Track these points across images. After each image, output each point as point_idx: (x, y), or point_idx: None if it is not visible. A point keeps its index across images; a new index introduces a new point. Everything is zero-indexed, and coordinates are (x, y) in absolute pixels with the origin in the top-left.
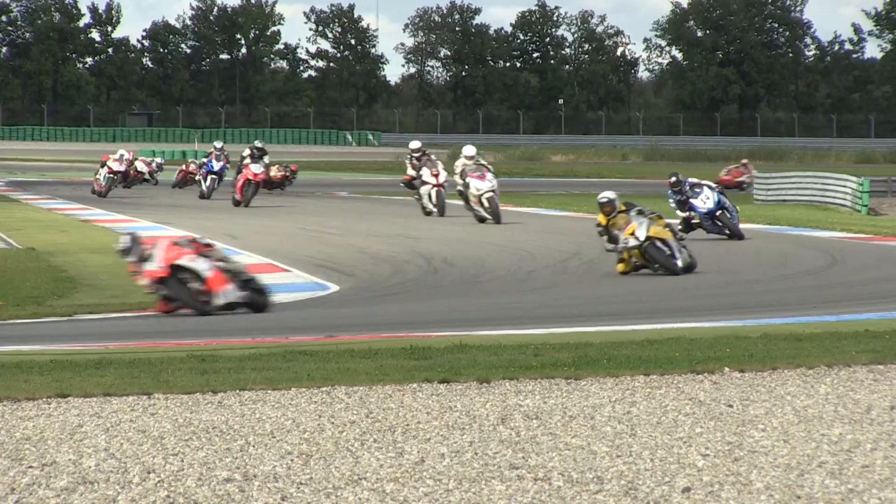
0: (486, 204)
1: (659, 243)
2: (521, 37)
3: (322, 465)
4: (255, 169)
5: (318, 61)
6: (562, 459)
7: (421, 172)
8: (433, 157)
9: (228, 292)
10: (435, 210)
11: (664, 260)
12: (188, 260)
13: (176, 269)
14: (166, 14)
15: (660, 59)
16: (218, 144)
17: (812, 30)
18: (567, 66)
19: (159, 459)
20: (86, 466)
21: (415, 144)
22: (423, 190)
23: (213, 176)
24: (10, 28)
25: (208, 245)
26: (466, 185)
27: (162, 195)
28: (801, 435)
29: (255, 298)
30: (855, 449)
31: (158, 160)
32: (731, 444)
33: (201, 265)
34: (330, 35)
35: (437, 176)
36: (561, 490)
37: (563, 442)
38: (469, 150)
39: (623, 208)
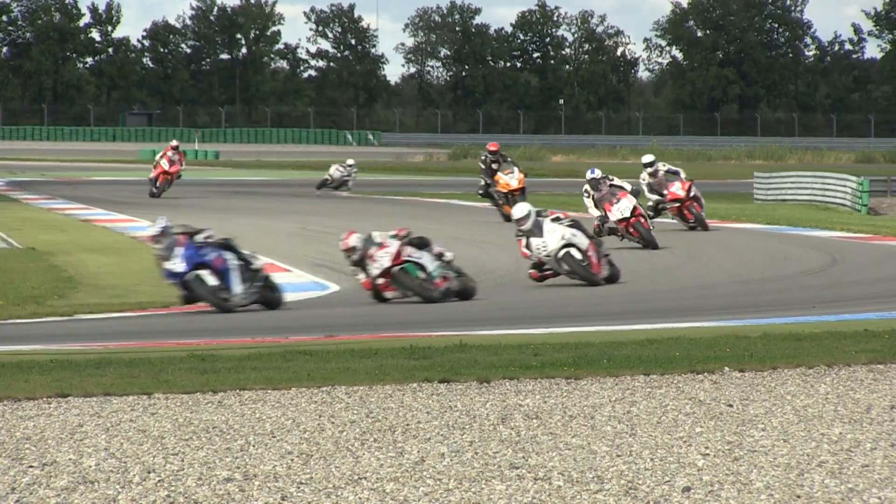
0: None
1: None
2: (522, 37)
3: (322, 465)
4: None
5: (318, 61)
6: (562, 459)
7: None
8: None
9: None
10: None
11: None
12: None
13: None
14: (166, 14)
15: (660, 59)
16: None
17: (812, 30)
18: (567, 66)
19: (159, 459)
20: (86, 466)
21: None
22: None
23: None
24: (10, 28)
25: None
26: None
27: (162, 195)
28: (800, 434)
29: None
30: (855, 448)
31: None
32: (730, 443)
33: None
34: (330, 35)
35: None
36: (561, 489)
37: (564, 441)
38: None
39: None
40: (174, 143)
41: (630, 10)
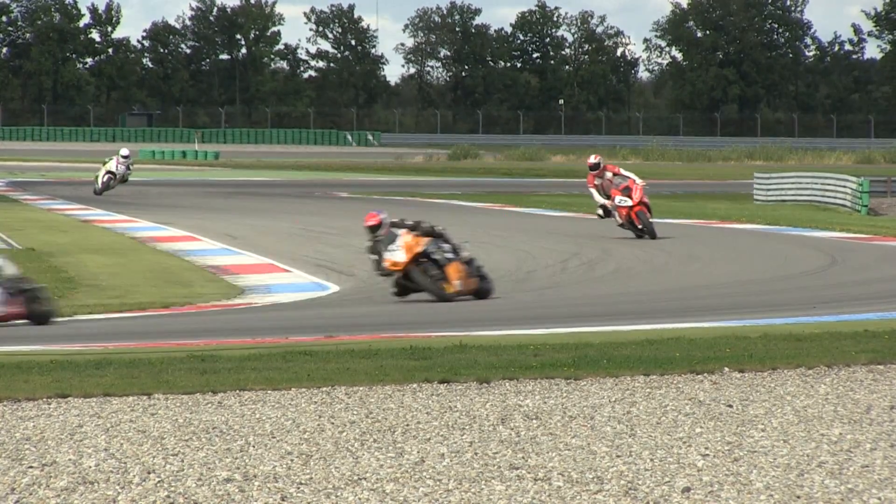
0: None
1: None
2: (521, 37)
3: (322, 466)
4: None
5: (318, 62)
6: (562, 459)
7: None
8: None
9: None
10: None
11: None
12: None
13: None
14: (166, 14)
15: (660, 60)
16: None
17: (812, 30)
18: (567, 67)
19: (159, 460)
20: (86, 466)
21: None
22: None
23: None
24: (10, 28)
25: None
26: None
27: (162, 196)
28: (800, 435)
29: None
30: (854, 449)
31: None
32: (730, 444)
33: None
34: (330, 35)
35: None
36: (561, 490)
37: (563, 442)
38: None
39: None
40: (594, 158)
41: (630, 11)
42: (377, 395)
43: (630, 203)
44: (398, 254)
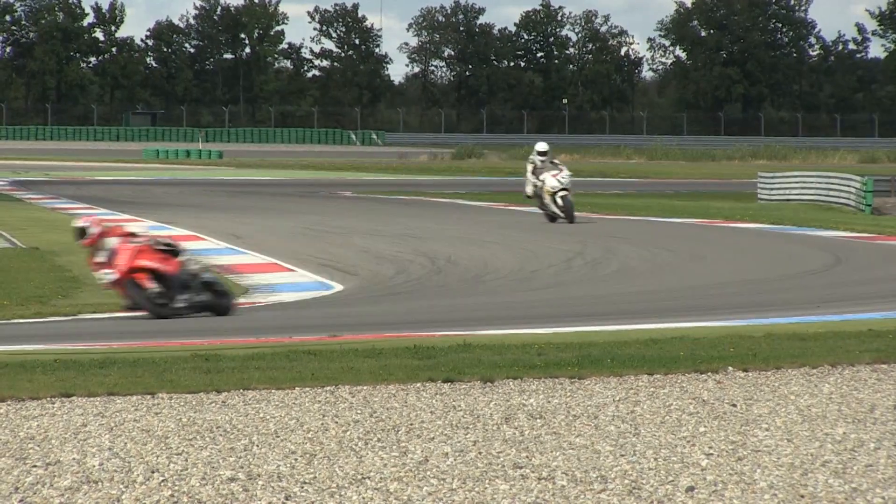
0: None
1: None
2: (526, 36)
3: (326, 465)
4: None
5: (322, 61)
6: (565, 459)
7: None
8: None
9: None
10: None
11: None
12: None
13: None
14: (170, 13)
15: (663, 59)
16: None
17: (816, 29)
18: (571, 66)
19: (163, 459)
20: (90, 466)
21: (541, 147)
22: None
23: None
24: (13, 28)
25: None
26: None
27: (165, 195)
28: (804, 434)
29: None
30: (858, 448)
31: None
32: (734, 443)
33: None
34: (334, 34)
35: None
36: (565, 489)
37: (567, 441)
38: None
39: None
40: (81, 221)
41: (634, 10)
42: (381, 394)
43: (115, 275)
44: None
